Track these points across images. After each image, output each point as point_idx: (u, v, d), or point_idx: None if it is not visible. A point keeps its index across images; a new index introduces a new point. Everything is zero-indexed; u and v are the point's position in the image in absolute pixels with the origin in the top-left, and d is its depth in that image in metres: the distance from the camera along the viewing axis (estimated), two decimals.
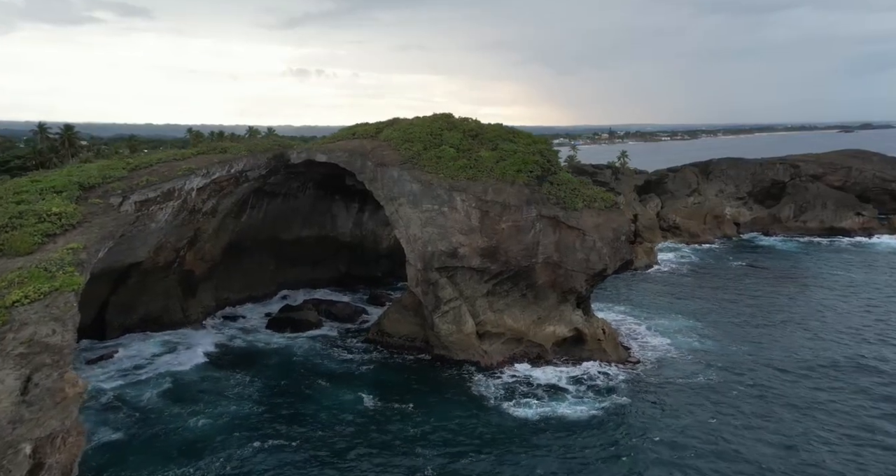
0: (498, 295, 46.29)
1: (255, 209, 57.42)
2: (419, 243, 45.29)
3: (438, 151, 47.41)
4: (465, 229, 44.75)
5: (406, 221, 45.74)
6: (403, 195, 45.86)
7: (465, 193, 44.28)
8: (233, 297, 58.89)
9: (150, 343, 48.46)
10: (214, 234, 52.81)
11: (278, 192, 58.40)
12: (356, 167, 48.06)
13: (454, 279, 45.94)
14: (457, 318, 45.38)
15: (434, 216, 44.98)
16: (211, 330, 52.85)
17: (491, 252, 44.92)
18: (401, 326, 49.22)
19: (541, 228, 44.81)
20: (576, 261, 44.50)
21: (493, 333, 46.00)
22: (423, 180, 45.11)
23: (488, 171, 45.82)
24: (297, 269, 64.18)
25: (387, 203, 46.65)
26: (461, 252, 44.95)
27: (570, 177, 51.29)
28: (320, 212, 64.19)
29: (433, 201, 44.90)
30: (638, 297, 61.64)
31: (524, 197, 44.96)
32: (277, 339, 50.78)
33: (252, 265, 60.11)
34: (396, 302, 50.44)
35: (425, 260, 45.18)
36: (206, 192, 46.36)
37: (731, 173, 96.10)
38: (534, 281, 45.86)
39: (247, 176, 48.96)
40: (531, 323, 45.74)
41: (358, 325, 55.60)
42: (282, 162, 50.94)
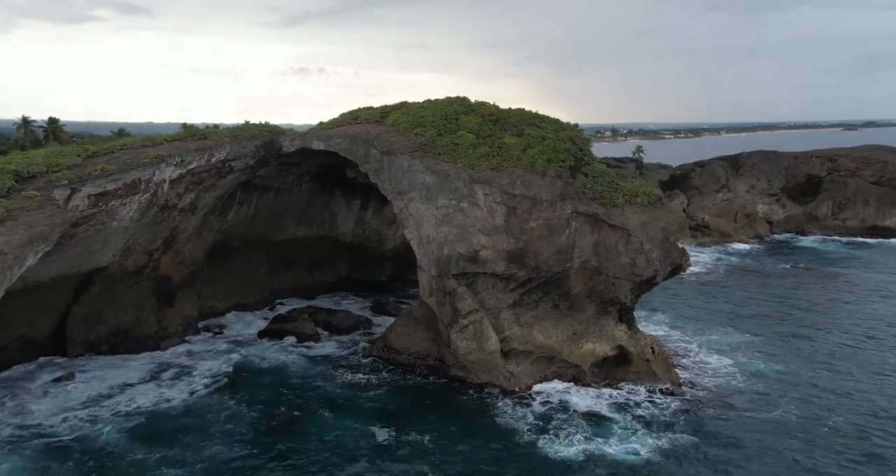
0: (526, 306, 39.28)
1: (244, 206, 50.45)
2: (433, 245, 38.28)
3: (455, 137, 40.39)
4: (487, 229, 37.72)
5: (418, 219, 38.73)
6: (415, 188, 38.82)
7: (488, 186, 37.22)
8: (218, 305, 51.92)
9: (116, 363, 41.55)
10: (195, 234, 45.84)
11: (270, 186, 51.42)
12: (359, 156, 41.06)
13: (474, 288, 38.94)
14: (477, 334, 38.41)
15: (451, 213, 37.96)
16: (191, 344, 45.91)
17: (518, 255, 37.92)
18: (411, 342, 42.24)
19: (577, 228, 37.77)
20: (619, 266, 37.46)
21: (520, 351, 39.02)
22: (439, 171, 38.07)
23: (515, 159, 38.78)
24: (292, 273, 57.21)
25: (395, 198, 39.65)
26: (483, 256, 37.94)
27: (605, 168, 44.23)
28: (318, 209, 57.20)
29: (450, 196, 37.87)
30: (677, 306, 54.42)
31: (557, 190, 37.92)
32: (270, 355, 43.83)
33: (240, 269, 53.15)
34: (405, 313, 43.44)
35: (440, 265, 38.19)
36: (182, 184, 39.39)
37: (762, 167, 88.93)
38: (568, 289, 38.85)
39: (231, 166, 41.98)
40: (565, 339, 38.72)
41: (361, 337, 48.72)
42: (272, 151, 43.94)
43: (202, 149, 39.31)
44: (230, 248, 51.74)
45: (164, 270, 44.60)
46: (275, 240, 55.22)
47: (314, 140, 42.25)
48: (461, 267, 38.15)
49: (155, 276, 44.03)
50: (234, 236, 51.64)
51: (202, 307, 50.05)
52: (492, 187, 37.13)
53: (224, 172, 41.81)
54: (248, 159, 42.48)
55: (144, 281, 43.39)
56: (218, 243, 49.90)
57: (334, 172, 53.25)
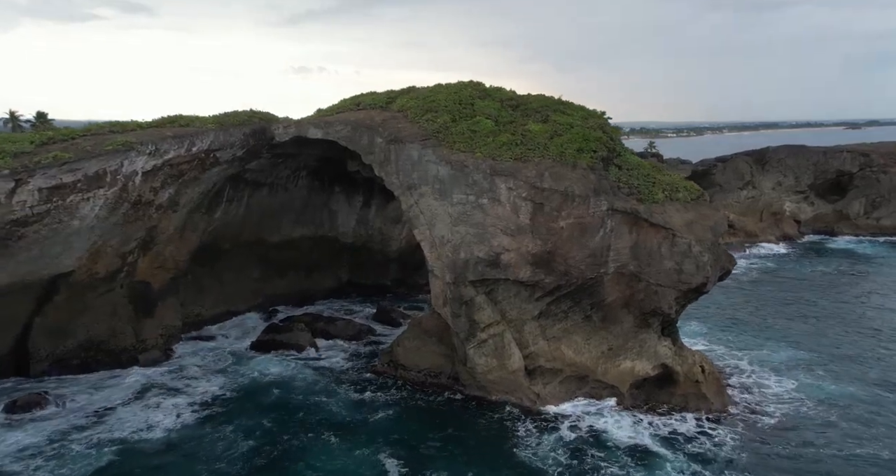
0: (553, 317, 34.19)
1: (234, 203, 45.41)
2: (448, 248, 33.17)
3: (472, 123, 35.27)
4: (511, 229, 32.61)
5: (430, 218, 33.62)
6: (426, 182, 33.70)
7: (512, 179, 32.07)
8: (206, 314, 46.87)
9: (89, 382, 36.57)
10: (178, 234, 40.75)
11: (262, 181, 46.38)
12: (362, 145, 35.93)
13: (494, 296, 33.86)
14: (498, 350, 33.35)
15: (469, 211, 32.84)
16: (175, 359, 40.88)
17: (545, 259, 32.81)
18: (420, 357, 37.14)
19: (613, 227, 32.66)
20: (662, 271, 32.35)
21: (547, 369, 33.93)
22: (455, 161, 32.94)
23: (541, 149, 33.63)
24: (288, 277, 52.15)
25: (403, 193, 34.53)
26: (505, 260, 32.84)
27: (639, 159, 39.15)
28: (316, 207, 52.15)
29: (468, 190, 32.74)
30: (713, 315, 49.04)
31: (591, 184, 32.79)
32: (265, 371, 38.89)
33: (230, 274, 48.10)
34: (414, 324, 38.32)
35: (456, 270, 33.08)
36: (158, 177, 34.35)
37: (789, 163, 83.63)
38: (602, 298, 33.75)
39: (216, 157, 36.91)
40: (599, 356, 33.61)
41: (364, 348, 43.76)
42: (263, 140, 38.84)
43: (181, 136, 34.23)
44: (218, 251, 46.71)
45: (142, 276, 39.52)
46: (268, 241, 50.19)
47: (311, 128, 37.15)
48: (480, 272, 33.05)
49: (131, 283, 38.96)
50: (223, 237, 46.59)
51: (187, 316, 44.98)
52: (516, 180, 31.97)
53: (208, 164, 36.73)
54: (235, 149, 37.39)
55: (119, 288, 38.33)
56: (204, 245, 44.85)
57: (334, 166, 48.18)
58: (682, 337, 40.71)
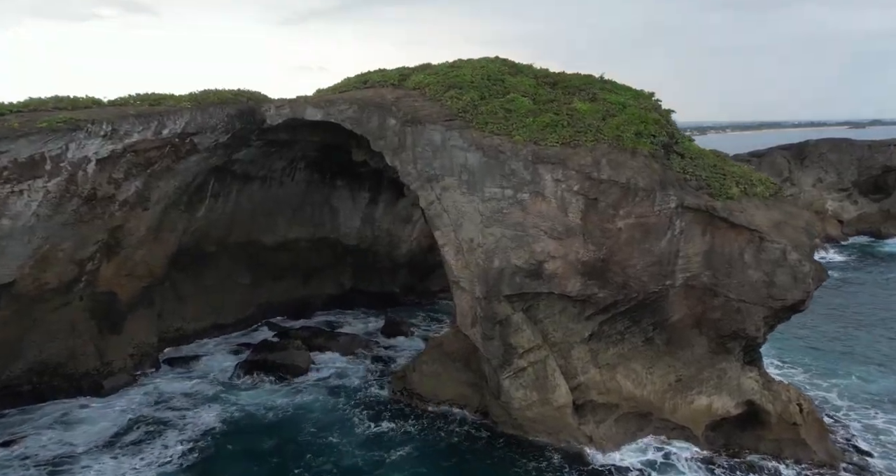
0: (607, 340, 27.71)
1: (220, 199, 38.96)
2: (478, 254, 26.63)
3: (505, 101, 28.73)
4: (557, 230, 26.07)
5: (456, 217, 27.09)
6: (451, 172, 27.12)
7: (561, 168, 25.49)
8: (188, 327, 40.41)
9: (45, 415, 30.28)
10: (151, 235, 34.28)
11: (253, 174, 39.93)
12: (371, 128, 29.37)
13: (535, 314, 27.39)
14: (540, 380, 26.90)
15: (505, 208, 26.29)
16: (148, 385, 34.49)
17: (599, 269, 26.32)
18: (441, 386, 30.72)
19: (682, 228, 26.14)
20: (746, 284, 25.81)
21: (599, 405, 27.45)
22: (487, 146, 26.35)
23: (593, 132, 27.06)
24: (283, 284, 45.70)
25: (422, 187, 27.98)
26: (550, 269, 26.33)
27: (701, 147, 32.70)
28: (315, 204, 45.66)
29: (504, 182, 26.17)
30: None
31: (656, 175, 26.27)
32: (256, 400, 32.66)
33: (217, 281, 41.61)
34: (433, 346, 31.80)
35: (489, 282, 26.56)
36: (120, 166, 27.91)
37: (831, 158, 76.96)
38: (666, 317, 27.26)
39: (194, 144, 30.41)
40: (665, 388, 27.09)
41: (371, 366, 37.53)
42: (252, 123, 32.33)
43: (147, 116, 27.71)
44: (202, 255, 40.26)
45: (107, 285, 33.05)
46: (260, 243, 43.71)
47: (308, 108, 30.59)
48: (518, 285, 26.53)
49: (93, 294, 32.49)
50: (207, 239, 40.14)
51: (165, 331, 38.55)
52: (566, 169, 25.38)
53: (184, 152, 30.23)
54: (217, 134, 30.89)
55: (77, 300, 31.85)
56: (185, 248, 38.39)
57: (336, 156, 41.68)
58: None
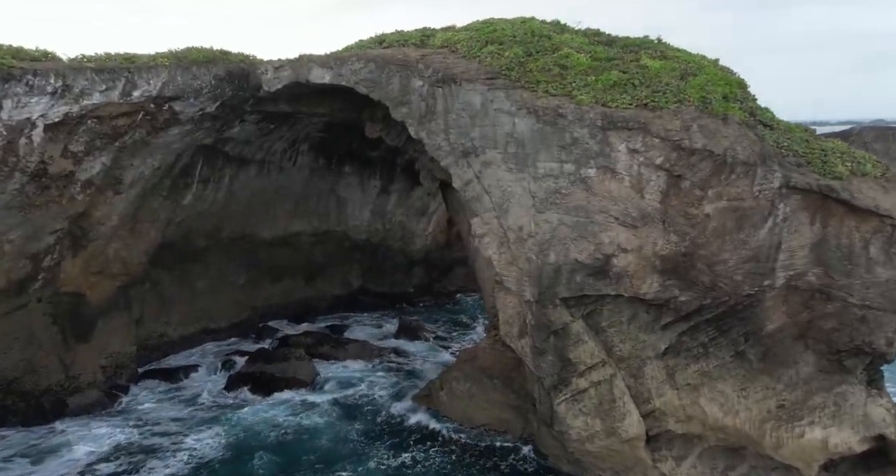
0: (687, 354, 22.18)
1: (210, 186, 33.56)
2: (530, 246, 21.09)
3: (558, 57, 23.13)
4: (631, 216, 20.51)
5: (500, 200, 21.53)
6: (495, 143, 21.54)
7: (640, 135, 19.90)
8: (173, 334, 34.94)
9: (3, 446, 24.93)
10: (127, 226, 28.85)
11: (249, 157, 34.53)
12: (391, 92, 23.75)
13: (597, 322, 21.90)
14: (604, 405, 21.41)
15: (564, 187, 20.72)
16: (126, 404, 29.17)
17: (682, 265, 20.80)
18: (476, 408, 25.23)
19: (787, 215, 20.61)
20: (873, 285, 20.27)
21: (678, 436, 21.95)
22: (542, 109, 20.77)
23: (674, 93, 21.42)
24: (283, 284, 40.30)
25: (457, 162, 22.40)
26: (620, 265, 20.80)
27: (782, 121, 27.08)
28: (321, 193, 40.26)
29: (563, 154, 20.60)
30: None
31: (756, 147, 20.69)
32: (251, 420, 27.50)
33: (207, 280, 36.20)
34: (464, 359, 26.24)
35: (542, 282, 21.03)
36: (79, 136, 22.42)
37: (877, 148, 71.31)
38: (761, 325, 21.71)
39: (174, 112, 24.89)
40: (765, 416, 21.49)
41: (385, 378, 32.34)
42: (245, 90, 26.76)
43: (111, 72, 22.10)
44: (190, 250, 34.85)
45: (72, 285, 27.60)
46: (258, 237, 38.31)
47: (314, 68, 25.00)
48: (579, 285, 21.01)
49: (55, 295, 27.04)
50: (196, 232, 34.72)
51: (146, 339, 33.11)
52: (647, 136, 19.79)
53: (161, 122, 24.70)
54: (203, 101, 25.34)
55: (35, 303, 26.39)
56: (169, 242, 33.01)
57: (345, 137, 36.30)
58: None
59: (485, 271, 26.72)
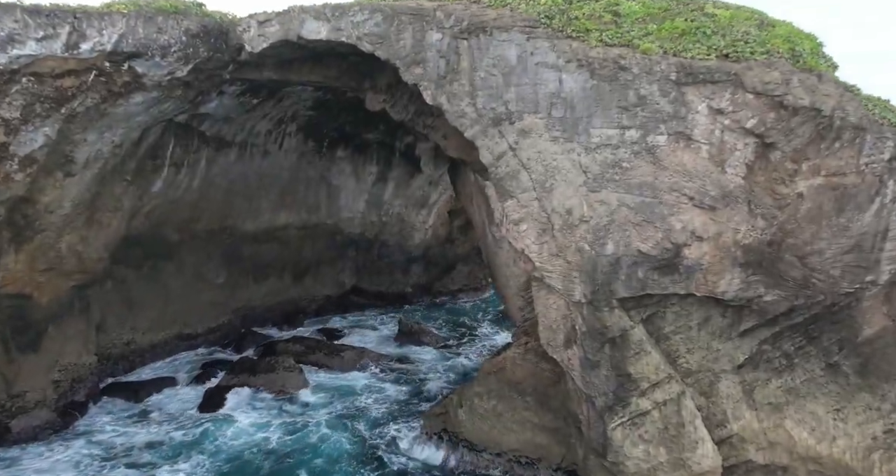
0: (767, 366, 18.12)
1: (184, 170, 29.09)
2: (581, 233, 16.89)
3: (607, 3, 18.90)
4: (710, 195, 16.35)
5: (542, 176, 17.28)
6: (536, 106, 17.26)
7: (729, 89, 15.72)
8: (141, 341, 30.38)
9: None
10: (82, 215, 24.36)
11: (229, 138, 30.13)
12: (401, 49, 19.40)
13: (658, 327, 17.80)
14: (672, 430, 17.28)
15: (627, 159, 16.51)
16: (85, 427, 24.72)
17: (768, 257, 16.73)
18: (503, 431, 21.01)
19: None
20: None
21: (760, 467, 17.89)
22: (599, 61, 16.51)
23: (757, 43, 17.26)
24: (268, 283, 35.90)
25: (485, 132, 18.10)
26: (692, 257, 16.67)
27: None
28: (310, 181, 35.91)
29: (626, 118, 16.36)
30: None
31: (860, 111, 16.60)
32: (234, 441, 23.26)
33: (181, 279, 31.68)
34: (490, 370, 21.95)
35: (597, 278, 16.84)
36: (12, 99, 17.98)
37: None
38: (857, 330, 17.73)
39: (137, 75, 20.44)
40: (869, 444, 17.44)
41: (386, 389, 28.26)
42: (223, 52, 22.29)
43: (50, 16, 17.64)
44: (161, 245, 30.34)
45: (16, 284, 23.07)
46: (240, 231, 33.88)
47: (308, 20, 20.57)
48: (641, 283, 16.86)
49: None
50: (168, 223, 30.22)
51: (109, 348, 28.57)
52: (737, 92, 15.60)
53: (120, 85, 20.23)
54: (173, 63, 20.87)
55: None
56: (137, 236, 28.53)
57: (338, 118, 32.00)
58: None
59: (510, 267, 22.54)
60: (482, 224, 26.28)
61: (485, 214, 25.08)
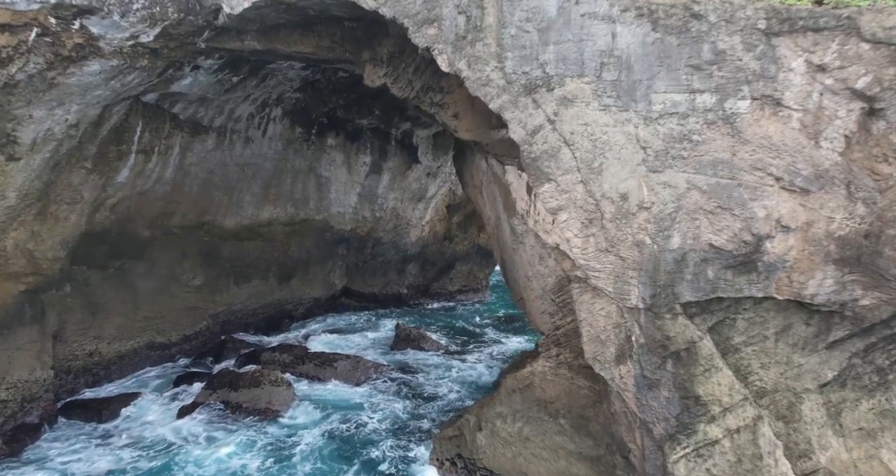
0: (855, 384, 15.03)
1: (155, 158, 25.62)
2: (639, 223, 13.73)
3: None
4: (801, 175, 13.27)
5: (589, 154, 14.10)
6: (581, 68, 14.10)
7: (836, 40, 12.67)
8: (107, 352, 26.77)
9: None
10: (32, 207, 20.87)
11: (206, 122, 26.72)
12: (411, 4, 16.04)
13: (726, 338, 14.64)
14: (745, 463, 14.12)
15: (697, 131, 13.39)
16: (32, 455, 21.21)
17: (866, 251, 13.61)
18: (530, 460, 17.75)
19: None
20: None
21: None
22: (661, 8, 13.40)
23: None
24: (251, 285, 32.45)
25: (516, 102, 14.91)
26: (776, 252, 13.55)
27: None
28: (297, 171, 32.55)
29: (697, 79, 13.25)
30: None
31: None
32: (214, 471, 19.65)
33: (153, 282, 28.16)
34: (515, 390, 18.69)
35: (659, 278, 13.69)
36: None
37: None
38: None
39: (91, 36, 17.00)
40: None
41: (385, 403, 24.88)
42: (197, 14, 18.86)
43: None
44: (130, 242, 26.81)
45: None
46: (219, 227, 30.45)
47: None
48: (712, 284, 13.71)
49: None
50: (136, 218, 26.72)
51: (67, 360, 25.00)
52: (848, 41, 12.51)
53: (72, 48, 16.78)
54: (135, 23, 17.45)
55: None
56: (101, 232, 25.07)
57: (328, 100, 28.67)
58: None
59: (534, 265, 19.28)
60: (496, 218, 23.01)
61: (501, 206, 21.80)
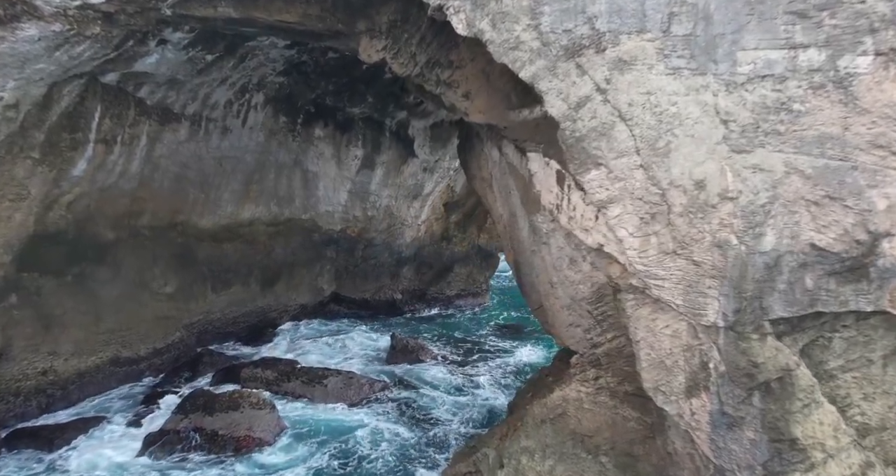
0: None
1: (118, 148, 22.42)
2: (721, 218, 10.77)
3: None
4: None
5: (650, 132, 11.12)
6: (640, 22, 11.09)
7: None
8: (64, 370, 23.43)
9: None
10: None
11: (177, 109, 23.53)
12: None
13: (819, 362, 11.68)
14: None
15: (798, 98, 10.48)
16: None
17: None
18: None
19: None
20: None
21: None
22: None
23: None
24: (230, 292, 29.25)
25: (553, 68, 11.93)
26: (892, 254, 10.62)
27: None
28: (282, 165, 29.41)
29: (797, 33, 10.35)
30: None
31: None
32: None
33: (117, 289, 24.88)
34: (543, 419, 15.65)
35: (745, 289, 10.74)
36: None
37: None
38: None
39: None
40: None
41: (383, 426, 21.88)
42: None
43: None
44: (90, 245, 23.56)
45: None
46: (194, 227, 27.27)
47: None
48: (811, 295, 10.77)
49: None
50: (99, 217, 23.48)
51: (14, 382, 21.71)
52: None
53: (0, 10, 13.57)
54: None
55: None
56: (55, 234, 21.84)
57: (315, 85, 25.57)
58: None
59: (563, 270, 16.26)
60: (509, 215, 19.99)
61: (517, 201, 18.76)
